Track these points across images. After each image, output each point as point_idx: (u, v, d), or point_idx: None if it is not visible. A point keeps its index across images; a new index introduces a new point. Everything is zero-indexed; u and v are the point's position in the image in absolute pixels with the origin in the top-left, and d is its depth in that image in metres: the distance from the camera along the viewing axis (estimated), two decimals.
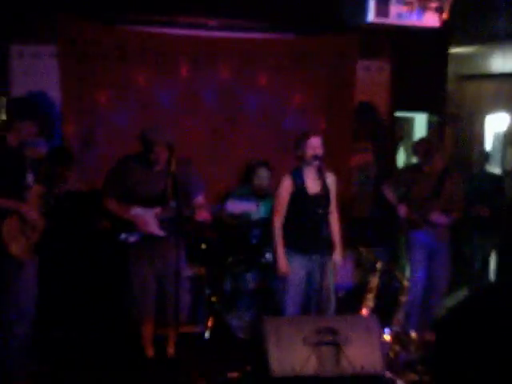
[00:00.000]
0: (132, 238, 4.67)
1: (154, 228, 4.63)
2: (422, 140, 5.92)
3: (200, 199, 4.72)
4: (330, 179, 4.81)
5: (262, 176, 6.05)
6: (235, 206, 4.59)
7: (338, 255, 4.85)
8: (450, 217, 5.43)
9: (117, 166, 4.73)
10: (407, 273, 5.65)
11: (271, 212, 4.86)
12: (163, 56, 6.42)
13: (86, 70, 6.20)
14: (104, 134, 6.34)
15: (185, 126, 6.55)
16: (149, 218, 4.59)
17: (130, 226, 4.63)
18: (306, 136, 4.65)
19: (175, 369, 4.69)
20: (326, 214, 4.59)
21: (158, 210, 4.59)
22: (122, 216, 4.65)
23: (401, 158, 7.69)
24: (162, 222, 4.61)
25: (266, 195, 6.06)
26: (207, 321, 5.55)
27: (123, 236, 4.65)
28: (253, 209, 4.64)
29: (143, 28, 6.38)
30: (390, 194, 5.73)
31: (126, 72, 6.34)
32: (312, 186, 4.67)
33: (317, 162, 4.55)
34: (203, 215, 4.59)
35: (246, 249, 5.76)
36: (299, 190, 4.67)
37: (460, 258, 6.06)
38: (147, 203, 4.62)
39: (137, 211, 4.62)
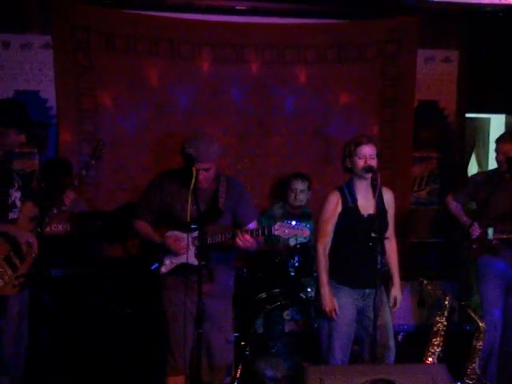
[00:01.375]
0: (164, 268, 4.66)
1: (191, 256, 4.58)
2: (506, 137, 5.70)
3: (253, 227, 4.70)
4: (388, 196, 4.76)
5: (298, 190, 6.05)
6: (283, 229, 4.52)
7: (397, 290, 4.79)
8: None
9: (152, 183, 4.79)
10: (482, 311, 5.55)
11: (313, 236, 4.82)
12: (180, 47, 6.46)
13: (87, 63, 6.26)
14: (108, 141, 6.33)
15: (206, 131, 6.56)
16: (185, 243, 4.58)
17: (162, 254, 4.64)
18: (356, 143, 4.61)
19: None
20: (382, 239, 4.53)
21: (195, 234, 4.55)
22: (150, 238, 4.68)
23: (473, 169, 7.61)
24: (199, 250, 4.54)
25: (304, 215, 6.03)
26: (235, 371, 5.52)
27: (154, 266, 4.66)
28: (305, 233, 4.57)
29: (156, 13, 6.42)
30: (457, 209, 5.63)
31: (136, 66, 6.38)
32: (365, 204, 4.62)
33: (370, 175, 4.50)
34: (246, 241, 4.52)
35: (283, 282, 5.72)
36: (349, 209, 4.62)
37: None
38: (184, 227, 4.58)
39: (172, 234, 4.63)
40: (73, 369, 5.38)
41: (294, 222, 4.47)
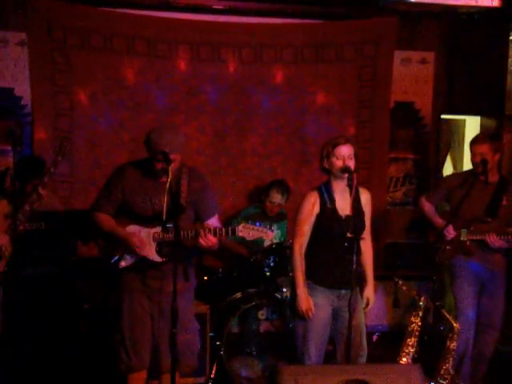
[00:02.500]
0: (124, 262, 4.55)
1: (151, 251, 4.54)
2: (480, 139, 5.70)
3: (213, 223, 4.65)
4: (365, 197, 4.74)
5: (276, 204, 6.05)
6: (248, 231, 4.49)
7: (370, 291, 4.78)
8: (509, 240, 5.35)
9: (113, 175, 4.66)
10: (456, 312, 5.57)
11: (290, 236, 4.80)
12: (157, 45, 6.44)
13: (63, 61, 6.21)
14: (84, 140, 6.33)
15: (183, 130, 6.47)
16: (145, 239, 4.52)
17: (123, 247, 4.52)
18: (334, 144, 4.58)
19: None
20: (358, 239, 4.52)
21: (156, 229, 4.51)
22: (114, 234, 4.53)
23: (448, 171, 7.64)
24: (160, 246, 4.54)
25: (279, 216, 6.03)
26: (210, 370, 5.50)
27: (114, 259, 4.56)
28: (269, 235, 4.54)
29: (133, 11, 6.39)
30: (431, 210, 5.64)
31: (113, 64, 6.36)
32: (343, 205, 4.59)
33: (347, 176, 4.49)
34: (209, 240, 4.50)
35: (258, 281, 5.71)
36: (328, 209, 4.59)
37: None
38: (145, 221, 4.51)
39: (132, 229, 4.53)
40: (44, 367, 5.33)
41: (258, 224, 4.43)
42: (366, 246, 4.81)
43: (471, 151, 5.45)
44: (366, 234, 4.77)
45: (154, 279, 4.56)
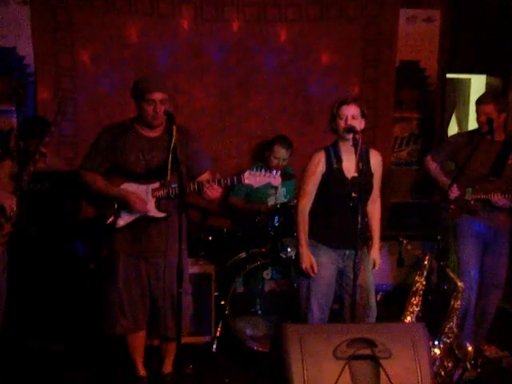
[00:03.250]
0: (122, 221, 4.49)
1: (151, 207, 4.50)
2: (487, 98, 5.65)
3: (206, 177, 4.58)
4: (375, 160, 4.71)
5: (282, 159, 6.03)
6: (254, 178, 4.41)
7: (376, 252, 4.78)
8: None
9: (102, 134, 4.60)
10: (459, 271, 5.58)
11: (295, 195, 4.78)
12: (160, 4, 6.35)
13: (65, 20, 6.14)
14: (87, 100, 6.29)
15: (186, 90, 6.51)
16: (144, 195, 4.46)
17: (119, 207, 4.48)
18: (339, 103, 4.55)
19: None
20: (363, 200, 4.51)
21: (155, 185, 4.46)
22: (108, 193, 4.47)
23: (453, 130, 7.60)
24: (159, 201, 4.49)
25: (286, 175, 6.01)
26: (215, 329, 5.53)
27: (111, 219, 4.50)
28: (277, 180, 4.46)
29: None
30: (436, 169, 5.62)
31: (115, 23, 6.28)
32: (350, 166, 4.57)
33: (351, 136, 4.46)
34: (215, 190, 4.37)
35: (263, 241, 5.72)
36: (334, 169, 4.57)
37: None
38: (140, 178, 4.47)
39: (128, 187, 4.46)
40: (42, 324, 5.37)
41: (263, 170, 4.36)
42: (375, 208, 4.81)
43: (477, 111, 5.41)
44: (376, 196, 4.77)
45: (150, 238, 4.54)
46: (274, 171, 4.42)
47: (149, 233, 4.54)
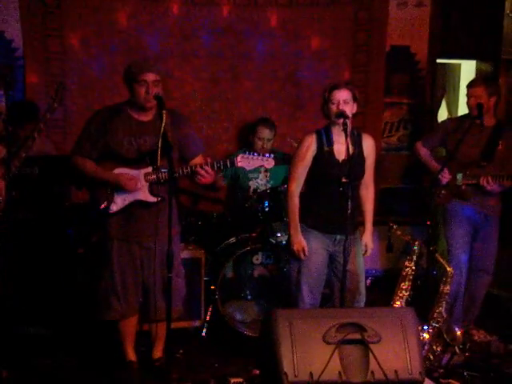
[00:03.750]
0: (115, 206, 4.47)
1: (144, 192, 4.47)
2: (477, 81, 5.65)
3: (198, 161, 4.56)
4: (368, 143, 4.70)
5: (266, 139, 6.00)
6: (247, 161, 4.41)
7: (368, 237, 4.79)
8: (503, 185, 5.35)
9: (93, 118, 4.57)
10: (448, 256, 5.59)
11: (284, 179, 4.78)
12: None
13: (53, 4, 6.09)
14: (77, 84, 6.25)
15: (177, 75, 6.48)
16: (137, 180, 4.43)
17: (112, 192, 4.46)
18: (330, 88, 4.55)
19: (164, 375, 4.58)
20: (355, 185, 4.52)
21: (147, 169, 4.43)
22: (99, 177, 4.44)
23: (443, 115, 7.60)
24: (151, 186, 4.45)
25: (278, 160, 5.99)
26: (205, 314, 5.53)
27: (104, 204, 4.47)
28: (270, 162, 4.46)
29: None
30: (427, 155, 5.63)
31: (104, 7, 6.23)
32: (341, 149, 4.58)
33: (341, 121, 4.45)
34: (208, 174, 4.37)
35: (253, 226, 5.71)
36: (324, 152, 4.58)
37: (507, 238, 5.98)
38: (132, 163, 4.45)
39: (121, 171, 4.44)
40: (30, 309, 5.36)
41: (255, 154, 4.39)
42: (369, 193, 4.81)
43: (467, 94, 5.42)
44: (369, 181, 4.77)
45: (143, 223, 4.52)
46: (267, 154, 4.45)
47: (142, 217, 4.52)
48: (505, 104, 6.91)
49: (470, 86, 5.45)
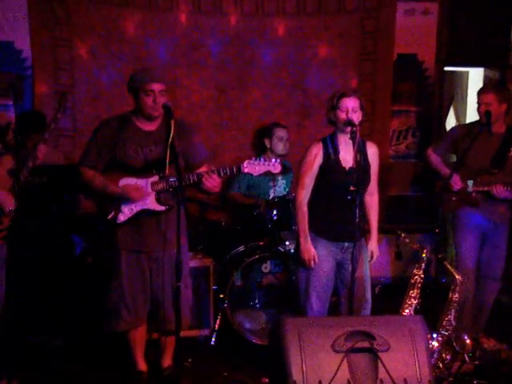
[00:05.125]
0: (122, 216, 4.47)
1: (151, 201, 4.48)
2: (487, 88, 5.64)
3: (203, 170, 4.52)
4: (372, 151, 4.71)
5: (285, 138, 6.03)
6: (254, 167, 4.40)
7: (374, 244, 4.78)
8: None
9: (100, 129, 4.57)
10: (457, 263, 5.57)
11: (294, 187, 4.77)
12: None
13: (62, 14, 6.14)
14: (85, 94, 6.28)
15: (184, 84, 6.51)
16: (143, 189, 4.43)
17: (119, 202, 4.45)
18: (339, 95, 4.55)
19: None
20: (361, 192, 4.51)
21: (154, 178, 4.43)
22: (107, 189, 4.44)
23: (451, 123, 7.59)
24: (159, 195, 4.45)
25: (285, 169, 6.00)
26: (214, 323, 5.53)
27: (111, 214, 4.47)
28: (277, 167, 4.47)
29: None
30: (438, 161, 5.61)
31: (113, 17, 6.29)
32: (347, 157, 4.57)
33: (350, 129, 4.46)
34: (214, 181, 4.37)
35: (261, 235, 5.71)
36: (331, 161, 4.58)
37: None
38: (139, 173, 4.45)
39: (127, 181, 4.44)
40: (41, 319, 5.38)
41: (261, 159, 4.36)
42: (373, 200, 4.81)
43: (478, 101, 5.40)
44: (373, 188, 4.77)
45: (151, 232, 4.52)
46: (274, 159, 4.43)
47: (150, 227, 4.52)
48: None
49: (480, 92, 5.44)
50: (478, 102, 5.40)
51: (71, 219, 5.60)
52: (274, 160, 4.42)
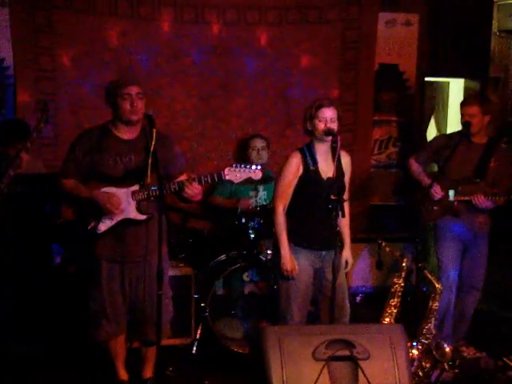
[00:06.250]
0: (103, 226, 4.44)
1: (132, 210, 4.44)
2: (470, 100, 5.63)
3: (183, 178, 4.51)
4: (345, 160, 4.74)
5: (260, 147, 6.07)
6: (235, 173, 4.39)
7: (348, 252, 4.79)
8: (494, 201, 5.36)
9: (79, 140, 4.54)
10: (439, 272, 5.60)
11: (273, 198, 4.77)
12: (140, 7, 6.36)
13: (45, 22, 6.11)
14: (68, 102, 6.27)
15: (167, 93, 6.50)
16: (124, 199, 4.40)
17: (99, 212, 4.42)
18: (317, 106, 4.56)
19: None
20: (342, 201, 4.52)
21: (134, 187, 4.40)
22: (88, 199, 4.39)
23: (432, 133, 7.63)
24: (139, 204, 4.44)
25: (267, 179, 6.03)
26: (195, 332, 5.52)
27: (92, 224, 4.44)
28: (258, 174, 4.45)
29: None
30: (419, 170, 5.63)
31: (95, 25, 6.26)
32: (325, 167, 4.60)
33: (330, 138, 4.48)
34: (195, 188, 4.37)
35: (242, 244, 5.71)
36: (310, 171, 4.59)
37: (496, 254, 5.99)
38: (119, 182, 4.41)
39: (108, 191, 4.41)
40: (23, 327, 5.35)
41: (242, 165, 4.34)
42: (345, 208, 4.82)
43: (461, 112, 5.43)
44: (346, 197, 4.79)
45: (132, 242, 4.49)
46: (254, 166, 4.42)
47: (131, 236, 4.49)
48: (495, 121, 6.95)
49: (463, 104, 5.46)
50: (461, 114, 5.43)
51: (52, 228, 5.58)
52: (255, 166, 4.40)
